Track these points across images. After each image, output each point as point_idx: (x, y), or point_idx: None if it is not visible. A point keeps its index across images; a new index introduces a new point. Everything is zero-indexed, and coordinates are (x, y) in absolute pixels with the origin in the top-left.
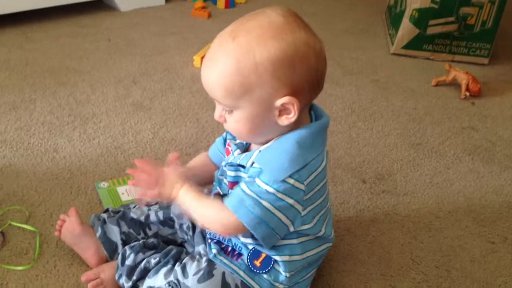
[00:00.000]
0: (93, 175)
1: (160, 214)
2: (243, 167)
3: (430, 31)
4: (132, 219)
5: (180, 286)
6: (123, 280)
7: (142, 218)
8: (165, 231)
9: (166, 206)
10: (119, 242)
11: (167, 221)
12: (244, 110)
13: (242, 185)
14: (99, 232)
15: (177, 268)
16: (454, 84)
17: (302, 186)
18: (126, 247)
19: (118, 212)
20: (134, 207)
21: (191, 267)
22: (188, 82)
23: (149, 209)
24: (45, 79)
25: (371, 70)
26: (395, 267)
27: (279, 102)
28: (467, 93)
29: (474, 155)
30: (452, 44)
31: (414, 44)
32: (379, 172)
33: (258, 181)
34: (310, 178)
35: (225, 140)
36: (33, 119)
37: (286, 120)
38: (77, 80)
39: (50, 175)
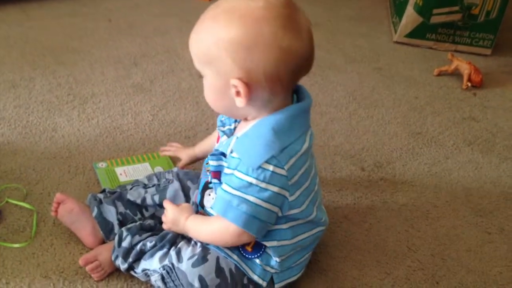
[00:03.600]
0: (91, 155)
1: (156, 198)
2: (224, 155)
3: (434, 20)
4: (129, 200)
5: (175, 270)
6: (119, 262)
7: (139, 201)
8: (162, 213)
9: (162, 189)
10: (116, 223)
11: (163, 205)
12: (208, 79)
13: (224, 186)
14: (95, 211)
15: (172, 252)
16: (456, 74)
17: (283, 172)
18: (123, 229)
19: (114, 192)
20: (131, 188)
21: (186, 252)
22: (188, 64)
23: (146, 192)
24: (45, 57)
25: (374, 58)
26: (391, 255)
27: (232, 82)
28: (469, 84)
29: (473, 145)
30: (455, 33)
31: (418, 32)
32: (378, 160)
33: (237, 173)
34: (291, 162)
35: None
36: (32, 98)
37: (239, 102)
38: (77, 59)
39: (48, 154)
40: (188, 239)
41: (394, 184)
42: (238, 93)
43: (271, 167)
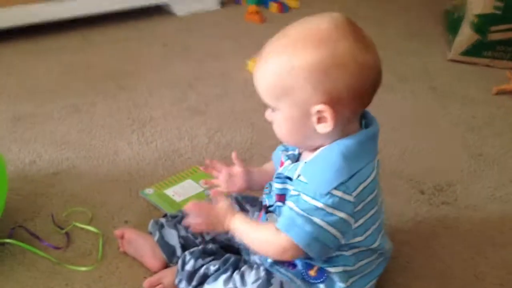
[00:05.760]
0: (151, 178)
1: None
2: (290, 179)
3: (491, 37)
4: None
5: None
6: (182, 285)
7: None
8: (222, 236)
9: None
10: (178, 246)
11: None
12: (284, 112)
13: (290, 204)
14: (157, 236)
15: (236, 276)
16: None
17: (350, 198)
18: (186, 253)
19: (176, 216)
20: None
21: (250, 275)
22: (241, 86)
23: None
24: (105, 82)
25: (428, 77)
26: (457, 284)
27: (314, 109)
28: None
29: None
30: None
31: (474, 50)
32: (438, 183)
33: (304, 197)
34: (359, 189)
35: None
36: (94, 122)
37: (323, 128)
38: (136, 83)
39: (111, 177)
40: (250, 264)
41: (457, 208)
42: (320, 119)
43: (339, 193)
